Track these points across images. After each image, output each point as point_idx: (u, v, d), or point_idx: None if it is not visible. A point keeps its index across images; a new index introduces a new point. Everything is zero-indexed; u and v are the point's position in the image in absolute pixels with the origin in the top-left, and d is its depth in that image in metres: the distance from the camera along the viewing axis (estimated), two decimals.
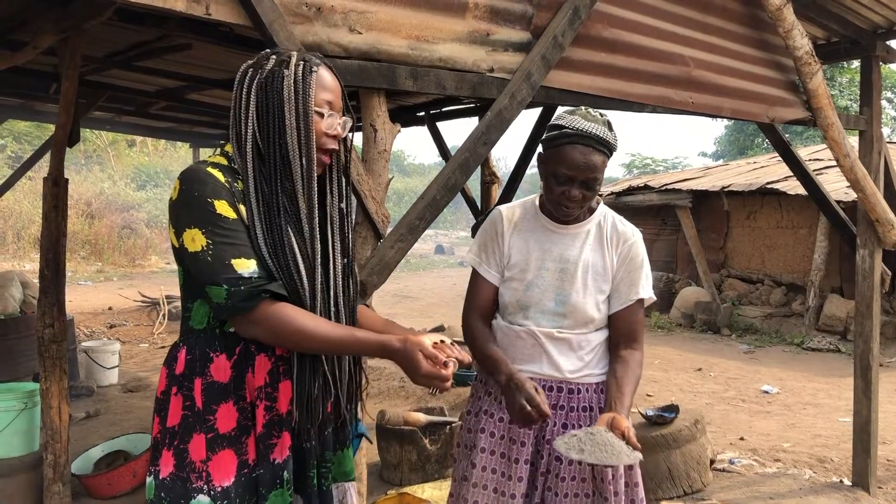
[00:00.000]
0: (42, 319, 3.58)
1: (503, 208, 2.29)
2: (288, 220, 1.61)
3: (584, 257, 2.19)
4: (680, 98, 3.45)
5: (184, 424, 1.60)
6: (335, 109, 1.68)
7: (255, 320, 1.54)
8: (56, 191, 3.58)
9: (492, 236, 2.25)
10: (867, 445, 4.46)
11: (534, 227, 2.24)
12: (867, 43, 4.45)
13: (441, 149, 6.64)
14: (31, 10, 3.21)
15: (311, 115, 1.61)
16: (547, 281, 2.18)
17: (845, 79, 20.34)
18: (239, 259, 1.53)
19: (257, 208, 1.58)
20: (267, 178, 1.60)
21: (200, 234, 1.53)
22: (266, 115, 1.60)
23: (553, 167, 2.08)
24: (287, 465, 1.66)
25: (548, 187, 2.12)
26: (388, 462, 4.53)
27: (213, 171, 1.58)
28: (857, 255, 4.57)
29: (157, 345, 9.41)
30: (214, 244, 1.52)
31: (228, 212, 1.55)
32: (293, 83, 1.60)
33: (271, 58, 1.64)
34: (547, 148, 2.11)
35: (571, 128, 2.04)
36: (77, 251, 19.68)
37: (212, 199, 1.54)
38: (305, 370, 1.64)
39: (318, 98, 1.63)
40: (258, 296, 1.53)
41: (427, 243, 27.91)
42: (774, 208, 11.65)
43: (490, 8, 2.73)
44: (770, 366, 8.90)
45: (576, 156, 2.03)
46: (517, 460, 2.18)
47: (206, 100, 5.93)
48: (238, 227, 1.55)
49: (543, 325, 2.18)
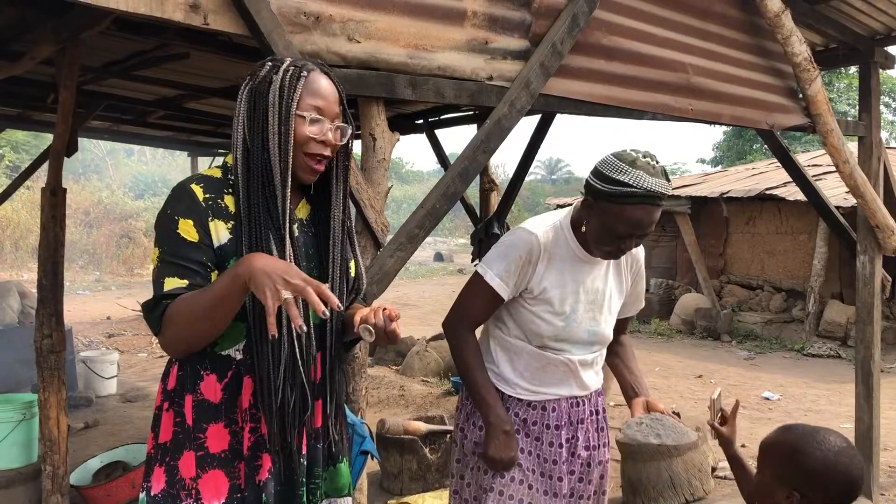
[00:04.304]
0: (40, 330, 3.56)
1: (540, 234, 2.13)
2: (269, 228, 1.56)
3: (609, 287, 2.25)
4: (679, 105, 3.44)
5: (175, 441, 1.58)
6: (326, 115, 1.62)
7: (164, 336, 1.49)
8: (54, 201, 3.56)
9: (525, 262, 2.12)
10: (869, 452, 4.44)
11: (565, 256, 2.15)
12: (865, 49, 4.45)
13: (440, 156, 6.63)
14: (28, 20, 3.21)
15: (292, 118, 1.57)
16: (581, 314, 2.20)
17: (843, 84, 20.39)
18: (172, 278, 1.50)
19: (247, 218, 1.55)
20: (254, 186, 1.57)
21: (156, 253, 1.54)
22: (252, 121, 1.58)
23: (612, 223, 1.97)
24: (267, 488, 1.60)
25: (602, 237, 2.03)
26: (388, 472, 4.51)
27: (195, 186, 1.56)
28: (857, 262, 4.57)
29: (156, 354, 9.39)
30: (160, 263, 1.52)
31: (190, 233, 1.52)
32: (279, 87, 1.57)
33: (266, 64, 1.63)
34: (604, 200, 1.98)
35: (638, 187, 1.91)
36: (75, 260, 19.67)
37: (178, 217, 1.52)
38: (264, 385, 1.57)
39: (305, 102, 1.58)
40: (159, 303, 1.48)
41: (426, 251, 27.90)
42: (774, 214, 11.65)
43: (488, 16, 2.73)
44: (771, 372, 8.88)
45: (641, 216, 1.94)
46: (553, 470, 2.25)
47: (204, 109, 5.92)
48: (194, 249, 1.52)
49: (577, 354, 2.23)
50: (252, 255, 1.43)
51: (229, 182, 1.60)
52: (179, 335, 1.49)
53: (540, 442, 2.24)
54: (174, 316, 1.47)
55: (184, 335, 1.50)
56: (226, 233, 1.56)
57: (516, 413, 2.23)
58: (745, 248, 12.19)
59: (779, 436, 1.63)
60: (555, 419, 2.23)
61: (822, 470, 1.52)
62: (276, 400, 1.57)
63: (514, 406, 2.24)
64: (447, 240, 34.21)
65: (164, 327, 1.49)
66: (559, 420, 2.24)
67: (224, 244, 1.55)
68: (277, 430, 1.58)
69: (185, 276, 1.50)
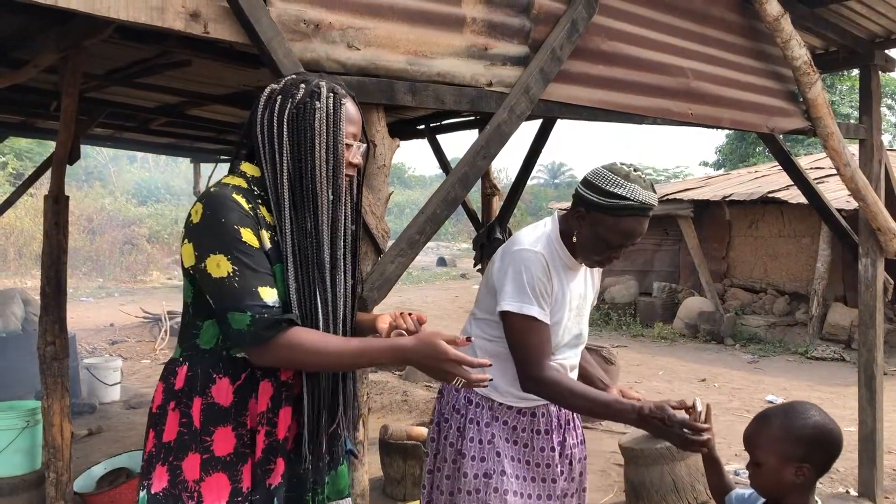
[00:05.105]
0: (44, 337, 3.57)
1: (544, 252, 2.13)
2: (311, 253, 1.63)
3: (587, 290, 2.33)
4: (679, 110, 3.45)
5: (179, 441, 1.60)
6: (356, 139, 1.72)
7: (272, 348, 1.54)
8: (57, 208, 3.58)
9: (545, 282, 2.12)
10: (873, 455, 4.44)
11: (558, 265, 2.18)
12: (865, 52, 4.46)
13: (441, 161, 6.64)
14: (31, 28, 3.23)
15: (341, 149, 1.64)
16: (572, 320, 2.26)
17: (845, 86, 20.37)
18: (265, 287, 1.54)
19: (291, 240, 1.60)
20: (299, 210, 1.62)
21: (226, 260, 1.53)
22: (298, 148, 1.61)
23: (606, 233, 2.05)
24: (279, 492, 1.65)
25: (594, 247, 2.10)
26: (391, 477, 4.51)
27: (238, 197, 1.59)
28: (859, 265, 4.56)
29: (159, 361, 9.40)
30: (241, 271, 1.53)
31: (252, 240, 1.56)
32: (325, 116, 1.62)
33: (300, 86, 1.65)
34: (599, 212, 2.04)
35: (634, 200, 1.99)
36: (78, 267, 19.69)
37: (238, 226, 1.55)
38: (314, 402, 1.66)
39: (347, 131, 1.66)
40: (279, 324, 1.53)
41: (429, 256, 27.89)
42: (776, 217, 11.65)
43: (488, 22, 2.74)
44: (774, 375, 8.87)
45: (635, 226, 2.03)
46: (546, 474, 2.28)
47: (206, 115, 5.94)
48: (261, 256, 1.57)
49: (565, 358, 2.28)
50: (431, 339, 1.52)
51: (254, 192, 1.64)
52: (296, 360, 1.58)
53: (529, 448, 2.26)
54: (304, 343, 1.54)
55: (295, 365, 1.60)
56: (269, 242, 1.61)
57: (505, 421, 2.25)
58: (748, 252, 12.17)
59: (764, 423, 1.73)
60: (544, 424, 2.26)
61: (818, 435, 1.67)
62: (323, 412, 1.67)
63: (503, 414, 2.25)
64: (450, 244, 34.20)
65: (283, 346, 1.54)
66: (548, 425, 2.27)
67: (268, 252, 1.60)
68: (309, 438, 1.67)
69: (274, 286, 1.57)
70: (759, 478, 1.74)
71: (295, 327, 1.56)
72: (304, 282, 1.61)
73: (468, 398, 2.27)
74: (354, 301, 1.78)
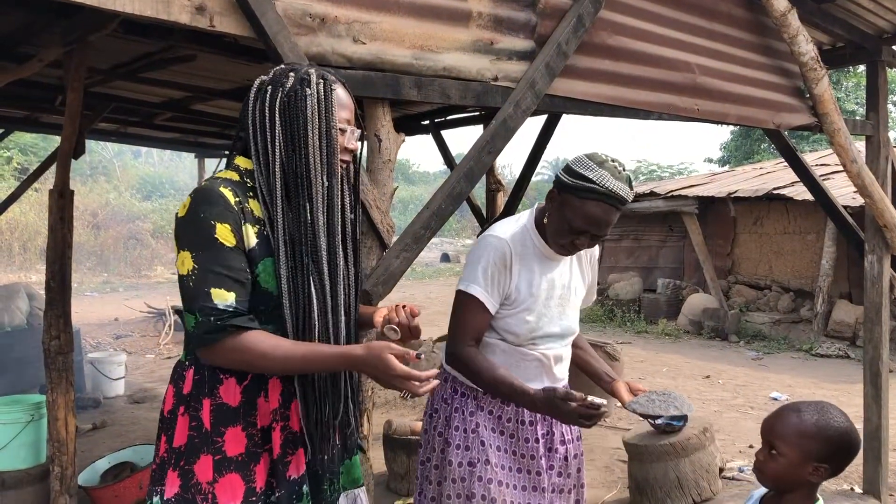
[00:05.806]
0: (48, 331, 3.58)
1: (509, 239, 2.18)
2: (306, 242, 1.62)
3: (573, 281, 2.32)
4: (685, 105, 3.43)
5: (190, 445, 1.60)
6: (350, 124, 1.71)
7: (218, 350, 1.54)
8: (62, 202, 3.58)
9: (500, 268, 2.16)
10: (878, 453, 4.42)
11: (534, 255, 2.21)
12: (872, 48, 4.43)
13: (446, 157, 6.64)
14: (36, 23, 3.23)
15: (334, 133, 1.63)
16: (553, 310, 2.25)
17: (851, 82, 20.29)
18: (218, 289, 1.52)
19: (283, 230, 1.59)
20: (293, 200, 1.61)
21: (190, 258, 1.53)
22: (291, 136, 1.60)
23: (571, 216, 2.06)
24: (304, 479, 1.67)
25: (559, 229, 2.11)
26: (395, 472, 4.51)
27: (226, 190, 1.58)
28: (865, 261, 4.54)
29: (164, 355, 9.42)
30: (200, 270, 1.52)
31: (228, 237, 1.54)
32: (316, 102, 1.61)
33: (289, 75, 1.64)
34: (567, 193, 2.06)
35: (601, 185, 2.00)
36: (83, 262, 19.74)
37: (215, 222, 1.53)
38: (307, 395, 1.65)
39: (340, 116, 1.66)
40: (223, 330, 1.52)
41: (433, 251, 27.88)
42: (781, 214, 11.61)
43: (493, 17, 2.73)
44: (779, 372, 8.85)
45: (599, 213, 2.04)
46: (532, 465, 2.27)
47: (211, 110, 5.94)
48: (232, 256, 1.55)
49: (550, 349, 2.27)
50: (380, 351, 1.51)
51: (247, 185, 1.63)
52: (244, 363, 1.56)
53: (515, 438, 2.27)
54: (251, 348, 1.53)
55: (251, 366, 1.57)
56: (254, 237, 1.59)
57: (490, 410, 2.26)
58: (753, 248, 12.14)
59: (795, 417, 1.70)
60: (528, 414, 2.26)
61: (846, 440, 1.66)
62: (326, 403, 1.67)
63: (487, 404, 2.26)
64: (454, 240, 34.18)
65: (228, 350, 1.53)
66: (532, 416, 2.27)
67: (253, 248, 1.59)
68: (308, 429, 1.66)
69: (231, 289, 1.53)
70: (771, 467, 1.71)
71: (248, 331, 1.54)
72: (295, 272, 1.60)
73: (454, 388, 2.29)
74: (358, 289, 1.77)
